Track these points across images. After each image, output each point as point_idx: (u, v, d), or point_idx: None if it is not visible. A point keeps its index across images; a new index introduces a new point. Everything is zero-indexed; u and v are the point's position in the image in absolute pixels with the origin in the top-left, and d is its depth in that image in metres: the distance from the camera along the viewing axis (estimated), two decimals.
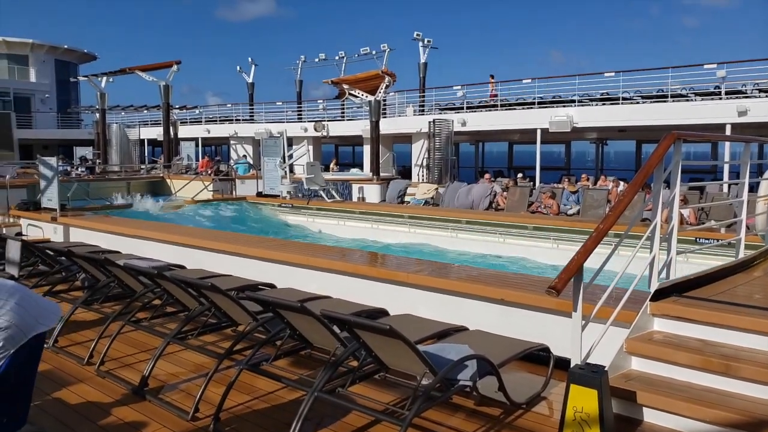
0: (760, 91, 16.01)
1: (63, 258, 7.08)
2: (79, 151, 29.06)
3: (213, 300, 4.57)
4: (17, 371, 2.61)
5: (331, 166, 25.68)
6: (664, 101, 17.36)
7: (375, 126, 20.15)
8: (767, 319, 3.56)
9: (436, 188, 17.16)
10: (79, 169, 23.67)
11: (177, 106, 33.97)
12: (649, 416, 3.38)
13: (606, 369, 3.17)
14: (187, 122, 33.61)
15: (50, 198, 11.31)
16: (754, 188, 7.47)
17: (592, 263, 3.30)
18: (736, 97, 15.87)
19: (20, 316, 2.62)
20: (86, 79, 28.48)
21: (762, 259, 5.50)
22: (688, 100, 17.23)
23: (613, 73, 18.83)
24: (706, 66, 17.02)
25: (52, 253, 7.37)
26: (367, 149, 23.35)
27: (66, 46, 40.52)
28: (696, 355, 3.50)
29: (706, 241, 8.15)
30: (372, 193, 18.25)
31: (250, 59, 32.63)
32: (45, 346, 2.68)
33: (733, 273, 4.83)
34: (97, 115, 29.25)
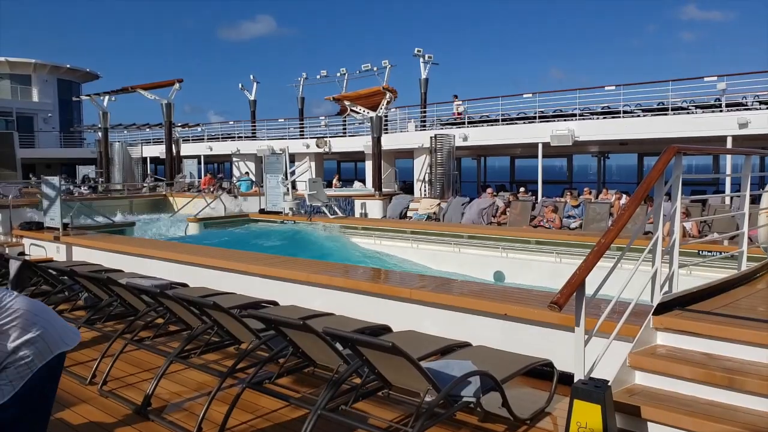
0: (761, 103, 16.07)
1: (65, 277, 7.09)
2: (82, 170, 29.23)
3: (215, 318, 4.57)
4: (40, 389, 2.61)
5: (334, 182, 25.78)
6: (665, 114, 17.43)
7: (377, 142, 20.26)
8: None
9: (439, 203, 17.18)
10: (82, 188, 23.79)
11: (179, 124, 34.22)
12: (654, 431, 3.36)
13: (609, 384, 3.15)
14: (189, 140, 33.82)
15: (53, 217, 11.36)
16: (756, 201, 7.48)
17: (595, 277, 3.31)
18: (737, 110, 15.93)
19: (48, 333, 2.64)
20: (89, 98, 28.74)
21: (765, 272, 5.49)
22: (688, 113, 17.30)
23: (613, 87, 18.94)
24: (706, 79, 17.12)
25: (54, 273, 7.39)
26: (369, 165, 23.44)
27: (69, 66, 40.91)
28: (700, 369, 3.48)
29: (709, 254, 8.14)
30: (374, 208, 18.28)
31: (252, 76, 32.90)
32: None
33: (736, 286, 4.81)
34: (100, 134, 29.45)
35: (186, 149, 31.18)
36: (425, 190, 20.66)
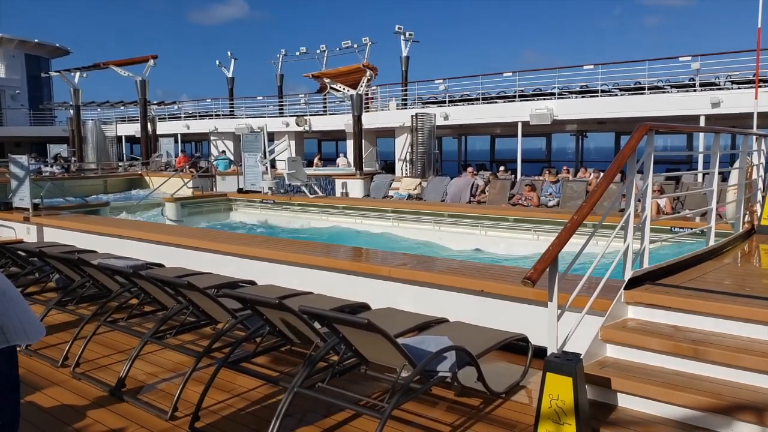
0: (733, 82, 16.30)
1: (35, 259, 6.95)
2: (53, 149, 28.53)
3: (191, 298, 4.53)
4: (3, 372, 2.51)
5: (315, 161, 25.58)
6: (641, 93, 17.59)
7: (357, 120, 20.11)
8: (735, 304, 3.64)
9: (420, 183, 17.19)
10: (54, 167, 23.27)
11: (155, 102, 33.53)
12: (623, 401, 3.45)
13: (581, 357, 3.21)
14: (165, 118, 33.19)
15: (22, 197, 11.09)
16: (726, 178, 7.61)
17: (570, 253, 3.35)
18: (710, 89, 16.14)
19: (11, 322, 2.50)
20: (59, 74, 27.87)
21: (731, 246, 5.63)
22: (664, 92, 17.48)
23: (592, 66, 19.02)
24: (681, 58, 17.28)
25: (23, 254, 7.23)
26: (350, 144, 23.29)
27: (37, 41, 39.52)
28: (668, 341, 3.57)
29: (680, 230, 8.30)
30: (355, 188, 18.22)
31: (229, 53, 32.31)
32: (17, 349, 2.60)
33: (705, 260, 4.92)
34: (71, 111, 28.66)
35: (162, 128, 30.63)
36: (407, 170, 20.64)
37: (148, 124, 26.18)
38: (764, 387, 3.24)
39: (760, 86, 11.15)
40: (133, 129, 30.62)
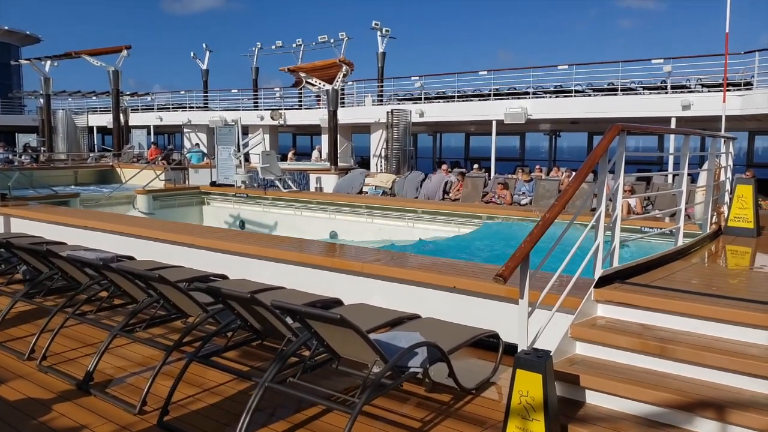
0: (703, 86, 16.69)
1: (2, 250, 6.77)
2: (22, 139, 27.78)
3: (162, 291, 4.46)
4: None
5: (289, 155, 25.39)
6: (614, 94, 17.89)
7: (333, 115, 20.01)
8: (701, 304, 3.74)
9: (394, 179, 17.21)
10: (23, 157, 22.65)
11: (128, 93, 32.85)
12: (592, 398, 3.51)
13: (551, 354, 3.25)
14: (138, 109, 32.55)
15: None
16: (695, 179, 7.80)
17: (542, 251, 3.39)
18: (681, 92, 16.50)
19: None
20: (29, 62, 27.12)
21: (699, 247, 5.77)
22: (636, 94, 17.81)
23: (566, 66, 19.27)
24: (653, 61, 17.63)
25: None
26: (325, 139, 23.17)
27: (6, 28, 38.49)
28: (635, 339, 3.65)
29: (650, 230, 8.48)
30: (330, 183, 18.14)
31: (204, 45, 31.76)
32: None
33: (673, 260, 5.04)
34: (41, 100, 27.91)
35: (135, 119, 30.02)
36: (381, 166, 20.63)
37: (121, 115, 25.63)
38: (725, 384, 3.33)
39: (728, 90, 11.45)
40: (105, 120, 29.90)
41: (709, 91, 16.10)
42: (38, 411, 3.75)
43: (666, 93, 16.92)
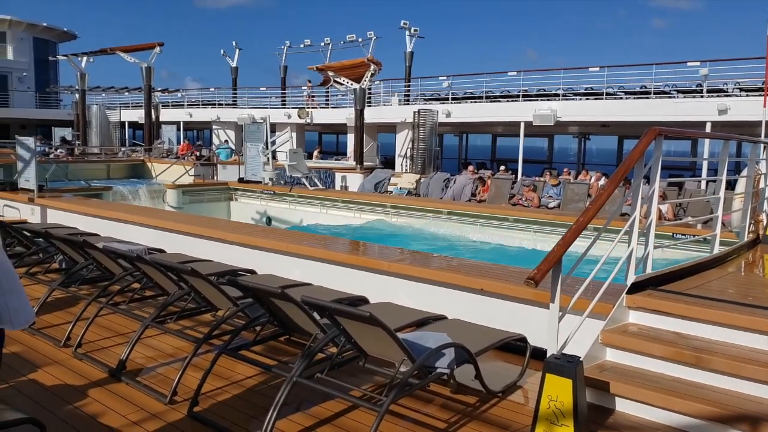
0: (741, 90, 16.27)
1: (40, 239, 6.97)
2: (58, 132, 28.52)
3: (193, 284, 4.54)
4: None
5: (315, 154, 25.55)
6: (647, 97, 17.56)
7: (359, 114, 20.06)
8: (739, 314, 3.65)
9: (419, 179, 17.18)
10: (59, 150, 23.24)
11: (159, 89, 33.45)
12: (622, 406, 3.46)
13: (581, 359, 3.22)
14: (168, 105, 33.12)
15: (28, 179, 11.10)
16: (731, 185, 7.61)
17: (572, 256, 3.35)
18: (718, 96, 16.10)
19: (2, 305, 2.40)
20: (66, 58, 27.83)
21: (735, 255, 5.62)
22: (670, 97, 17.45)
23: (597, 68, 18.98)
24: (689, 64, 17.24)
25: (29, 234, 7.25)
26: (351, 138, 23.26)
27: (45, 24, 39.53)
28: (669, 347, 3.58)
29: (683, 237, 8.30)
30: (355, 182, 18.21)
31: (234, 43, 32.13)
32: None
33: (708, 268, 4.93)
34: (77, 95, 28.63)
35: (165, 115, 30.53)
36: (407, 165, 20.61)
37: (152, 110, 26.11)
38: (766, 398, 3.24)
39: None
40: (137, 115, 30.55)
41: (747, 96, 15.69)
42: (72, 396, 3.85)
43: (701, 96, 16.53)
